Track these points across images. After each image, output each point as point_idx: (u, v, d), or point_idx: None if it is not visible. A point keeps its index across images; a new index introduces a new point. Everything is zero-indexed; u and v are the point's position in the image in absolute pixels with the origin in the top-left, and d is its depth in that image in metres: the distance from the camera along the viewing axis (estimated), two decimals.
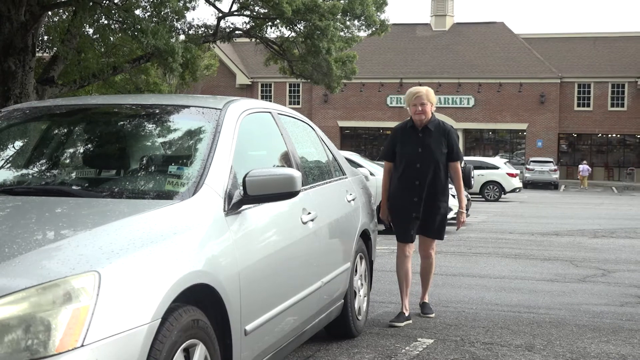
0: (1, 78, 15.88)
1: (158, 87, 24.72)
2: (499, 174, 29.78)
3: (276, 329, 4.00)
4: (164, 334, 2.80)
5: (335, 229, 5.10)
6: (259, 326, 3.68)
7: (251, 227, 3.73)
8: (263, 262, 3.76)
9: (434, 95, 6.49)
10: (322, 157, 5.58)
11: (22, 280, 2.51)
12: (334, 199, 5.29)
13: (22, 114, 4.53)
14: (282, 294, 4.06)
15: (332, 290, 5.02)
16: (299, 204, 4.39)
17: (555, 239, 13.95)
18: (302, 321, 4.48)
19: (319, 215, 4.68)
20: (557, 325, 6.28)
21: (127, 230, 2.98)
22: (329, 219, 4.95)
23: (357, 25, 21.76)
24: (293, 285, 4.24)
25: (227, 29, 21.12)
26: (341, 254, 5.24)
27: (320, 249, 4.74)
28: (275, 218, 4.09)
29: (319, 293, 4.68)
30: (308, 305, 4.52)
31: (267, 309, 3.81)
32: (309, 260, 4.53)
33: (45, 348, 2.42)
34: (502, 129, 50.09)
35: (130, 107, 4.41)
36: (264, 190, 3.65)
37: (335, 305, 5.22)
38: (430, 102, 6.35)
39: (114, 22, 16.73)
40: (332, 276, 4.97)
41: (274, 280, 3.96)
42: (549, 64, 48.87)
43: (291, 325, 4.26)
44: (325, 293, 4.86)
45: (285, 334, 4.18)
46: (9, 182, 3.92)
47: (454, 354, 5.30)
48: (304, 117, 5.67)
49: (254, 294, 3.60)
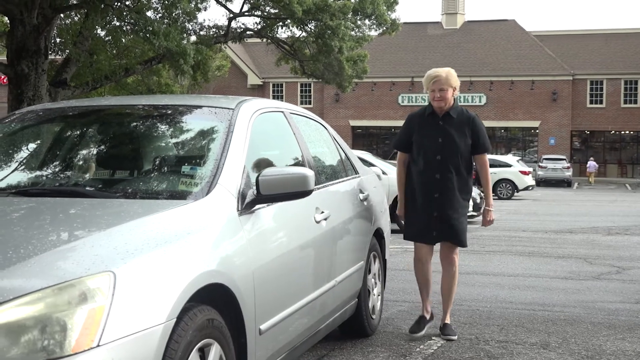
0: (14, 81, 15.95)
1: (170, 88, 24.77)
2: (512, 172, 29.70)
3: (290, 328, 3.99)
4: (179, 334, 2.80)
5: (349, 228, 5.09)
6: (274, 325, 3.67)
7: (265, 227, 3.73)
8: (277, 261, 3.76)
9: (455, 77, 5.71)
10: (335, 156, 5.58)
11: (38, 280, 2.52)
12: (347, 198, 5.29)
13: (35, 116, 4.55)
14: (296, 293, 4.06)
15: (346, 289, 5.01)
16: (312, 203, 4.39)
17: (569, 237, 13.90)
18: (316, 320, 4.47)
19: (332, 215, 4.67)
20: (572, 323, 6.25)
21: (141, 230, 2.98)
22: (342, 217, 4.94)
23: (368, 24, 21.74)
24: (307, 285, 4.24)
25: (238, 30, 21.15)
26: (355, 253, 5.23)
27: (334, 248, 4.74)
28: (289, 217, 4.09)
29: (332, 292, 4.68)
30: (322, 304, 4.51)
31: (281, 308, 3.80)
32: (323, 259, 4.53)
33: (61, 348, 2.43)
34: (515, 127, 49.93)
35: (143, 108, 4.42)
36: (277, 190, 3.65)
37: (349, 304, 5.21)
38: (452, 86, 5.62)
39: (125, 24, 16.77)
40: (346, 275, 4.96)
41: (288, 279, 3.95)
42: (561, 61, 48.68)
43: (305, 324, 4.25)
44: (339, 292, 4.85)
45: (299, 333, 4.18)
46: (24, 183, 3.94)
47: (468, 352, 5.28)
48: (316, 116, 5.67)
49: (268, 293, 3.60)
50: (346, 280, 4.97)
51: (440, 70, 5.71)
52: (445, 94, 5.60)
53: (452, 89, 5.63)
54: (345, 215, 5.01)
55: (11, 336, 2.40)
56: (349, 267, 5.06)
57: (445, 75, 5.63)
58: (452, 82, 5.63)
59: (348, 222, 5.08)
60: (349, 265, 5.05)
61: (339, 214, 4.83)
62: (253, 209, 3.65)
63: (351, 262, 5.12)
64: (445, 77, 5.62)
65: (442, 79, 5.61)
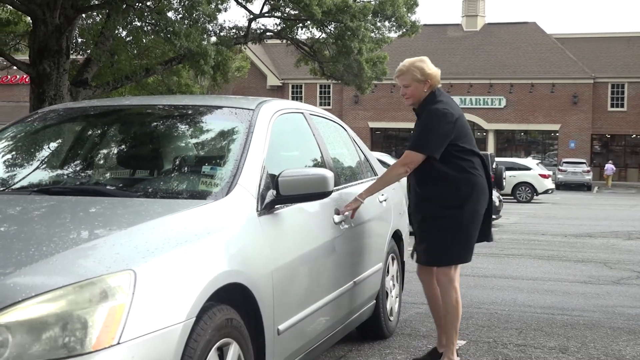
0: (36, 80, 16.07)
1: (190, 89, 24.86)
2: (531, 175, 29.53)
3: (308, 329, 4.00)
4: (198, 333, 2.82)
5: (368, 230, 5.09)
6: (292, 326, 3.68)
7: (284, 227, 3.74)
8: (296, 262, 3.78)
9: (423, 68, 4.80)
10: (354, 157, 5.58)
11: (59, 278, 2.54)
12: (366, 200, 5.28)
13: (57, 115, 4.59)
14: (315, 293, 4.06)
15: (364, 290, 5.01)
16: (331, 205, 4.40)
17: (589, 241, 13.81)
18: (334, 321, 4.48)
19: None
20: (592, 328, 6.21)
21: (161, 229, 3.00)
22: (361, 219, 4.94)
23: (388, 26, 21.70)
24: (325, 285, 4.24)
25: (258, 31, 21.18)
26: (373, 254, 5.22)
27: (353, 249, 4.74)
28: (308, 218, 4.10)
29: (351, 293, 4.68)
30: (340, 305, 4.52)
31: (299, 308, 3.81)
32: (341, 260, 4.53)
33: (82, 345, 2.45)
34: (534, 130, 49.67)
35: (164, 108, 4.45)
36: (296, 190, 3.66)
37: (367, 305, 5.21)
38: (416, 80, 4.78)
39: (146, 24, 16.85)
40: (365, 276, 4.96)
41: (307, 280, 3.97)
42: (582, 64, 48.38)
43: (323, 325, 4.26)
44: (358, 293, 4.85)
45: (318, 334, 4.18)
46: (45, 182, 3.97)
47: (486, 355, 5.26)
48: (336, 117, 5.67)
49: (286, 293, 3.61)
50: (365, 282, 4.97)
51: (405, 62, 4.90)
52: (411, 91, 4.83)
53: (419, 83, 4.80)
54: (364, 217, 5.01)
55: (33, 333, 2.42)
56: (368, 269, 5.05)
57: (407, 69, 4.82)
58: (418, 76, 4.79)
59: (367, 224, 5.08)
60: (367, 266, 5.04)
61: (358, 215, 4.83)
62: (272, 210, 3.66)
63: (370, 263, 5.11)
64: (406, 70, 4.83)
65: (403, 73, 4.85)
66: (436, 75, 4.86)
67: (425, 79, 4.80)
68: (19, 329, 2.41)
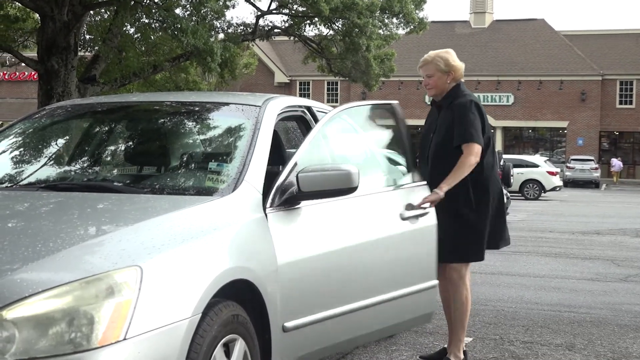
0: (44, 77, 16.11)
1: (197, 86, 24.89)
2: (539, 172, 29.46)
3: (323, 336, 3.80)
4: (204, 329, 2.82)
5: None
6: (300, 326, 3.57)
7: (300, 225, 3.65)
8: (310, 260, 3.64)
9: (449, 60, 4.82)
10: (361, 154, 5.57)
11: (66, 274, 2.55)
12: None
13: (64, 112, 4.60)
14: (330, 299, 3.81)
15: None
16: (369, 208, 4.13)
17: (596, 238, 13.78)
18: (356, 336, 4.13)
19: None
20: (598, 325, 6.20)
21: (168, 225, 3.01)
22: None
23: (396, 22, 21.67)
24: (345, 293, 3.91)
25: (266, 28, 21.18)
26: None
27: (397, 258, 4.31)
28: (334, 219, 3.89)
29: (392, 307, 4.24)
30: (366, 319, 4.11)
31: (313, 310, 3.66)
32: (378, 269, 4.14)
33: (88, 341, 2.46)
34: (542, 127, 49.53)
35: (171, 105, 4.46)
36: (318, 187, 3.54)
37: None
38: (441, 71, 4.79)
39: (154, 21, 16.86)
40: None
41: (324, 281, 3.76)
42: (590, 61, 48.21)
43: (341, 335, 3.98)
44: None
45: (335, 343, 3.96)
46: (53, 178, 3.99)
47: (493, 352, 5.26)
48: None
49: (296, 291, 3.53)
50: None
51: (431, 53, 4.95)
52: (434, 81, 4.83)
53: (443, 74, 4.81)
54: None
55: (40, 328, 2.43)
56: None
57: (432, 59, 4.85)
58: (442, 66, 4.80)
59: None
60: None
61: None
62: (290, 206, 3.58)
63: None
64: (431, 60, 4.85)
65: (427, 63, 4.86)
66: (460, 68, 4.88)
67: (448, 70, 4.81)
68: (25, 324, 2.43)
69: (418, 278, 4.47)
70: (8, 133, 4.38)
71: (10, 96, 49.39)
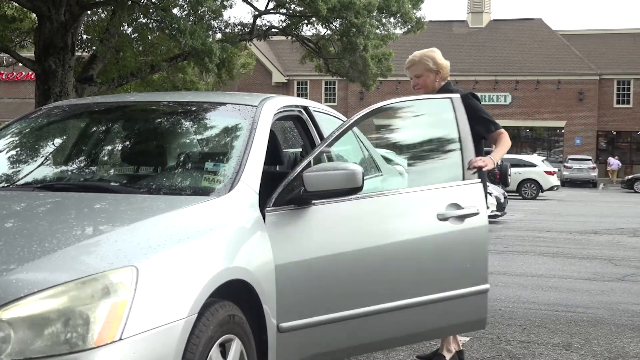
0: (42, 77, 16.10)
1: (195, 86, 24.88)
2: (537, 171, 29.49)
3: (325, 339, 3.69)
4: (200, 329, 2.82)
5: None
6: (297, 328, 3.52)
7: (301, 225, 3.59)
8: (307, 263, 3.56)
9: (435, 58, 4.82)
10: (358, 154, 5.57)
11: (62, 274, 2.55)
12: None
13: (61, 112, 4.59)
14: (336, 302, 3.69)
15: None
16: (378, 211, 3.90)
17: (594, 238, 13.79)
18: (362, 344, 3.90)
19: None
20: (595, 324, 6.21)
21: (164, 225, 3.01)
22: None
23: (393, 22, 21.67)
24: (349, 298, 3.74)
25: (264, 27, 21.18)
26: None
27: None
28: (342, 221, 3.73)
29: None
30: (386, 323, 3.90)
31: (309, 313, 3.59)
32: (389, 274, 3.89)
33: (84, 341, 2.46)
34: (540, 127, 49.56)
35: (168, 105, 4.45)
36: (324, 186, 3.50)
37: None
38: (430, 70, 4.79)
39: (151, 21, 16.85)
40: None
41: (322, 285, 3.63)
42: (587, 61, 48.25)
43: (348, 340, 3.81)
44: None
45: (341, 348, 3.81)
46: (49, 178, 3.99)
47: (490, 352, 5.27)
48: (340, 114, 5.67)
49: (292, 293, 3.48)
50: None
51: (416, 53, 4.91)
52: (423, 80, 4.83)
53: (431, 73, 4.81)
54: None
55: (35, 328, 2.43)
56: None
57: (419, 59, 4.82)
58: (430, 65, 4.80)
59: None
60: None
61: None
62: (294, 206, 3.55)
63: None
64: (419, 60, 4.82)
65: (415, 63, 4.84)
66: (447, 66, 4.90)
67: (437, 69, 4.83)
68: (21, 324, 2.42)
69: (460, 282, 4.11)
70: (5, 133, 4.38)
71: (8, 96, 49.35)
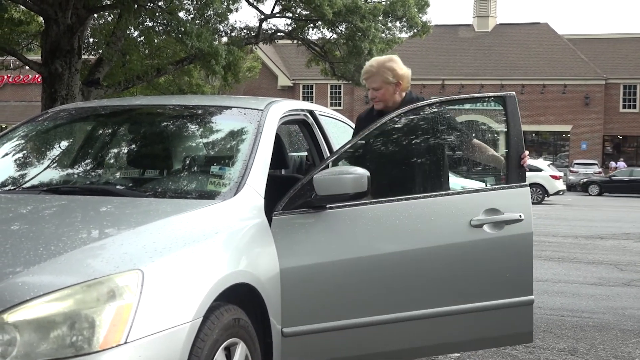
0: (48, 80, 16.14)
1: (201, 89, 24.89)
2: (542, 176, 29.43)
3: (330, 347, 3.63)
4: (205, 333, 2.82)
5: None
6: (300, 334, 3.49)
7: (310, 230, 3.57)
8: (314, 268, 3.52)
9: (395, 68, 4.44)
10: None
11: (68, 277, 2.55)
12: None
13: (68, 115, 4.61)
14: (346, 309, 3.61)
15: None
16: (396, 217, 3.74)
17: (600, 242, 13.75)
18: (371, 353, 3.75)
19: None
20: (601, 330, 6.19)
21: (169, 229, 3.01)
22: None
23: (399, 26, 21.67)
24: (359, 305, 3.65)
25: (269, 31, 21.19)
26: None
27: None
28: (335, 224, 3.64)
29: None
30: (387, 334, 3.74)
31: (314, 319, 3.55)
32: (408, 282, 3.74)
33: (89, 344, 2.46)
34: (546, 131, 49.52)
35: (174, 108, 4.46)
36: (333, 190, 3.49)
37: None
38: (389, 82, 4.41)
39: (158, 24, 16.89)
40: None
41: (330, 291, 3.57)
42: (593, 65, 48.20)
43: (358, 349, 3.70)
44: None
45: (344, 357, 3.72)
46: (55, 181, 4.00)
47: (494, 357, 5.25)
48: (345, 118, 5.67)
49: (297, 298, 3.45)
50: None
51: (373, 62, 4.52)
52: (382, 94, 4.44)
53: (390, 86, 4.44)
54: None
55: (41, 331, 2.43)
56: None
57: (377, 70, 4.42)
58: (389, 78, 4.42)
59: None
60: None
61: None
62: (286, 211, 3.54)
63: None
64: (376, 72, 4.43)
65: (372, 75, 4.44)
66: (408, 76, 4.53)
67: (397, 81, 4.45)
68: (27, 327, 2.43)
69: (497, 293, 3.88)
70: (11, 136, 4.39)
71: (15, 99, 49.49)
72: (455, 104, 4.44)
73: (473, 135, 4.31)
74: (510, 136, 4.06)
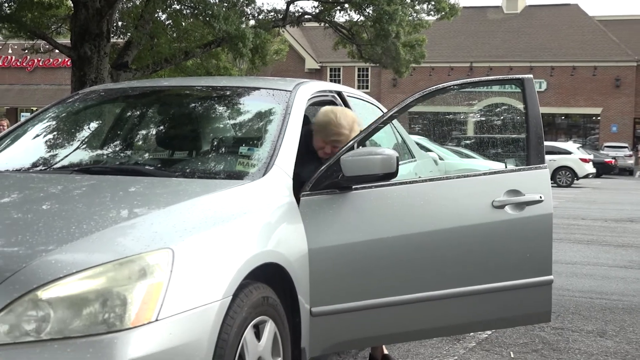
0: (77, 63, 16.25)
1: (228, 72, 24.89)
2: (572, 159, 29.16)
3: (358, 326, 3.66)
4: (234, 310, 2.84)
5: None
6: (329, 313, 3.50)
7: (338, 210, 3.57)
8: (342, 248, 3.53)
9: (343, 127, 4.07)
10: (391, 139, 5.56)
11: (100, 255, 2.59)
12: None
13: (97, 96, 4.65)
14: (373, 289, 3.63)
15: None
16: (428, 198, 3.75)
17: (630, 226, 13.63)
18: (398, 332, 3.82)
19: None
20: (631, 312, 6.15)
21: (199, 209, 3.03)
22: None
23: (426, 9, 21.51)
24: (387, 285, 3.67)
25: (296, 14, 21.14)
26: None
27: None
28: (363, 204, 3.63)
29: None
30: (413, 313, 3.76)
31: (343, 298, 3.56)
32: (435, 261, 3.77)
33: (121, 321, 2.49)
34: (576, 114, 48.98)
35: (202, 89, 4.48)
36: (361, 171, 3.49)
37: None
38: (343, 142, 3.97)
39: (185, 7, 16.91)
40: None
41: (358, 270, 3.58)
42: (624, 47, 47.52)
43: (387, 328, 3.75)
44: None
45: (371, 336, 3.78)
46: (86, 161, 4.04)
47: (523, 338, 5.24)
48: (373, 99, 5.66)
49: (325, 278, 3.47)
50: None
51: (343, 123, 4.07)
52: (336, 150, 3.93)
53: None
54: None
55: (74, 308, 2.47)
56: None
57: (349, 133, 4.04)
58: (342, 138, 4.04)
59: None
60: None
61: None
62: (331, 191, 3.55)
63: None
64: (347, 135, 4.02)
65: (343, 139, 4.02)
66: (356, 128, 4.14)
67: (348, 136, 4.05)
68: (60, 304, 2.47)
69: (518, 273, 3.91)
70: (42, 117, 4.44)
71: (45, 82, 49.89)
72: (472, 87, 4.52)
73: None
74: (529, 118, 4.06)
